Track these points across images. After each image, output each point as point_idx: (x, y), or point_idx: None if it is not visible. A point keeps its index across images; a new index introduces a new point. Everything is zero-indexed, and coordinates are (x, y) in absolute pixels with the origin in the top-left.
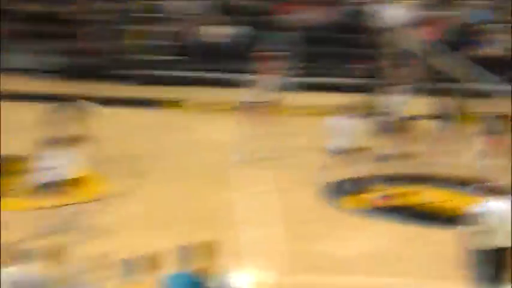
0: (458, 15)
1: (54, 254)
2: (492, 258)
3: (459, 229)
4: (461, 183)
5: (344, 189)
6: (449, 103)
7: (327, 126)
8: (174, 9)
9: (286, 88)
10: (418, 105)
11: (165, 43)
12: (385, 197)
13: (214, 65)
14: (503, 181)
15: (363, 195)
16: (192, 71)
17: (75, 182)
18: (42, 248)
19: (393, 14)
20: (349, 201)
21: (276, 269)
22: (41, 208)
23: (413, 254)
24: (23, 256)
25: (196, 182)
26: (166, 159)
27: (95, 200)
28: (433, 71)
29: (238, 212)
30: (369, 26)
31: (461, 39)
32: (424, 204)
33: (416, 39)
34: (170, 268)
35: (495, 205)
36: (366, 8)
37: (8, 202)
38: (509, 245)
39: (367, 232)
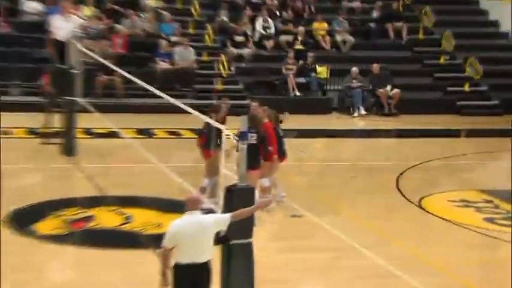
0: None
1: None
2: (186, 274)
3: (158, 248)
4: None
5: (36, 214)
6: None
7: None
8: None
9: None
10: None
11: None
12: (82, 220)
13: None
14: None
15: (58, 218)
16: None
17: None
18: None
19: (66, 26)
20: (43, 226)
21: None
22: None
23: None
24: None
25: None
26: None
27: None
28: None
29: None
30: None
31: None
32: (125, 226)
33: (89, 52)
34: None
35: (187, 222)
36: (43, 20)
37: None
38: (202, 260)
39: (60, 260)
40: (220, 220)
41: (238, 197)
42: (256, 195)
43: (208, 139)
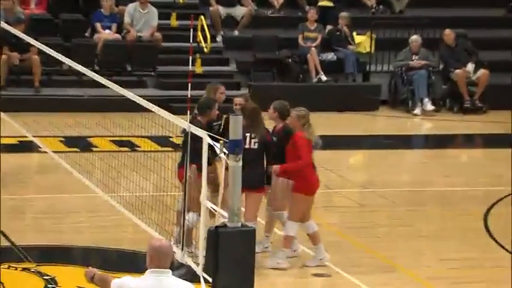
0: None
1: None
2: None
3: None
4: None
5: None
6: None
7: None
8: None
9: None
10: None
11: None
12: None
13: None
14: None
15: None
16: None
17: None
18: None
19: None
20: None
21: None
22: None
23: None
24: None
25: None
26: None
27: None
28: None
29: None
30: None
31: None
32: None
33: None
34: None
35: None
36: None
37: None
38: None
39: None
40: None
41: (228, 245)
42: (266, 243)
43: (182, 153)
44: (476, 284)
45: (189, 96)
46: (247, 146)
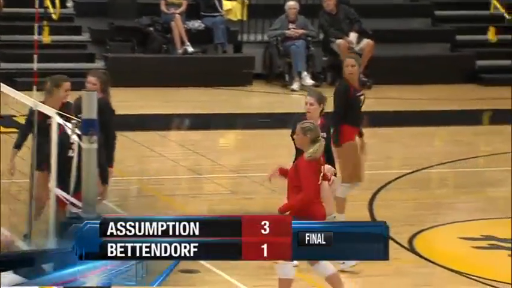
0: None
1: None
2: None
3: None
4: None
5: None
6: None
7: None
8: None
9: None
10: None
11: None
12: None
13: None
14: None
15: None
16: None
17: None
18: None
19: None
20: None
21: None
22: None
23: None
24: None
25: None
26: None
27: None
28: None
29: None
30: None
31: None
32: None
33: None
34: None
35: None
36: None
37: None
38: None
39: None
40: None
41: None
42: None
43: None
44: (367, 277)
45: (35, 69)
46: None
